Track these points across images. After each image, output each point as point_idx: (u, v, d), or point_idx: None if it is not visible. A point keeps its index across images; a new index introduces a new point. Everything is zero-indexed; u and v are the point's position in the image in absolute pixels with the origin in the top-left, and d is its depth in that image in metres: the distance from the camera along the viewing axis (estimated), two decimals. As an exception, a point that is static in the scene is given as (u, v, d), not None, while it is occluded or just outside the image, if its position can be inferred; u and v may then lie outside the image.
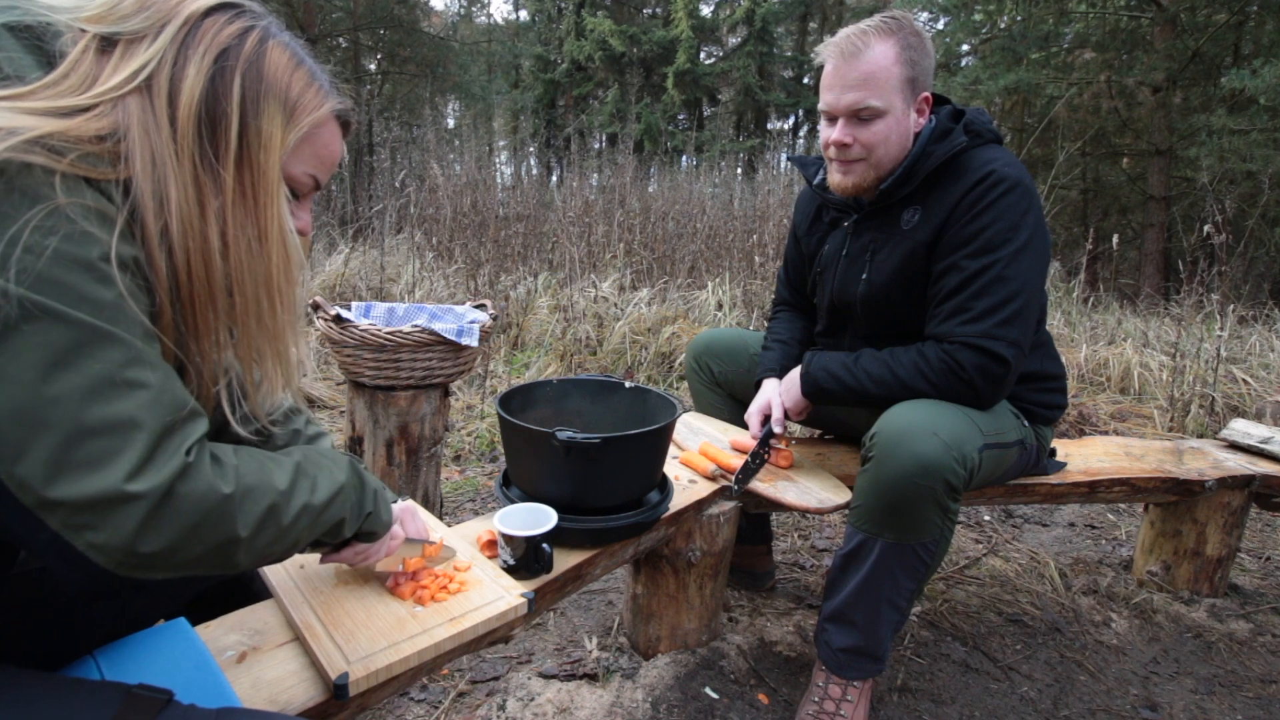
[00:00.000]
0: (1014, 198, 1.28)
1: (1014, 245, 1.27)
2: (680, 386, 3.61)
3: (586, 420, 1.45)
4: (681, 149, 12.42)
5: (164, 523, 0.56)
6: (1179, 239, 7.82)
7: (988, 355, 1.27)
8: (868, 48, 1.26)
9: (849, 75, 1.27)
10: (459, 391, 3.37)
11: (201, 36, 0.62)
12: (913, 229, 1.37)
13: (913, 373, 1.31)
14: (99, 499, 0.53)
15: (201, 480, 0.58)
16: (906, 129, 1.33)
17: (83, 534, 0.53)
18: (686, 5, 13.74)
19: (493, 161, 7.74)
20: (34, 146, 0.53)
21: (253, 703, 0.82)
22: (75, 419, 0.52)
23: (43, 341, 0.51)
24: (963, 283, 1.29)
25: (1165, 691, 1.58)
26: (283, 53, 0.67)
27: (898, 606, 1.30)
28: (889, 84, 1.27)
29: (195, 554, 0.58)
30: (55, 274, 0.51)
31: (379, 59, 13.92)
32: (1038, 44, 7.97)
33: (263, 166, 0.65)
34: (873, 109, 1.28)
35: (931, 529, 1.24)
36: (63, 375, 0.52)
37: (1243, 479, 1.83)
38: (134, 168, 0.58)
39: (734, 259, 5.11)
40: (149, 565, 0.56)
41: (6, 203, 0.51)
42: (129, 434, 0.54)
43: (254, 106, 0.64)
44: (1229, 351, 3.71)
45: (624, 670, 1.49)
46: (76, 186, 0.54)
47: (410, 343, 1.79)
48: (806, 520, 2.32)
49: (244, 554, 0.63)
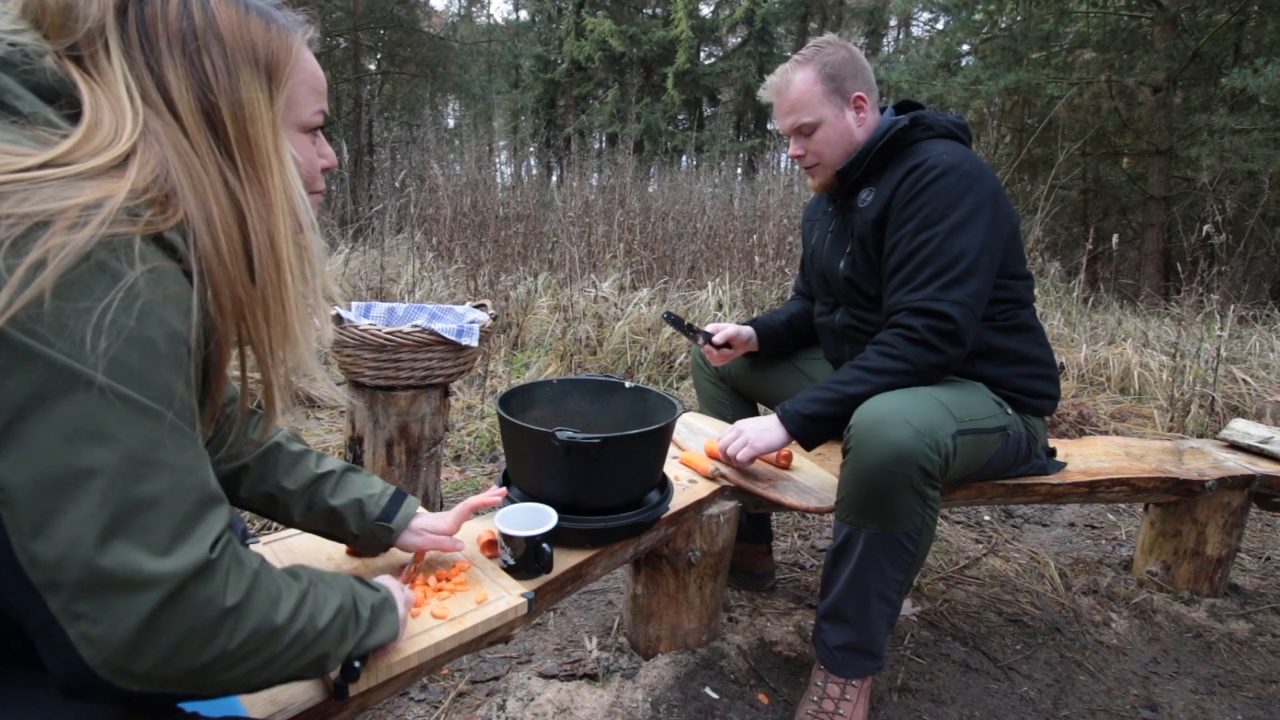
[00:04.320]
0: (949, 181, 1.40)
1: (950, 220, 1.39)
2: (680, 386, 3.61)
3: (586, 420, 1.45)
4: (681, 149, 12.42)
5: (164, 625, 0.53)
6: (1179, 239, 7.82)
7: (934, 315, 1.36)
8: (790, 81, 1.51)
9: (782, 105, 1.53)
10: (459, 391, 3.37)
11: (153, 29, 0.59)
12: (866, 207, 1.52)
13: (877, 359, 1.39)
14: (115, 576, 0.51)
15: (213, 583, 0.56)
16: (845, 127, 1.52)
17: (79, 623, 0.50)
18: (686, 5, 13.73)
19: (493, 161, 7.75)
20: (121, 215, 0.52)
21: (252, 704, 0.82)
22: (105, 495, 0.50)
23: (85, 414, 0.50)
24: (905, 257, 1.42)
25: (1165, 691, 1.58)
26: (229, 9, 0.62)
27: (888, 599, 1.32)
28: (813, 101, 1.49)
29: (177, 671, 0.55)
30: (124, 354, 0.51)
31: (379, 59, 13.92)
32: (1038, 44, 7.97)
33: (254, 138, 0.62)
34: (807, 124, 1.51)
35: (912, 517, 1.27)
36: (97, 451, 0.50)
37: (1243, 479, 1.83)
38: (187, 206, 0.57)
39: (734, 259, 5.10)
40: (129, 673, 0.52)
41: (95, 281, 0.50)
42: (156, 515, 0.53)
43: (231, 79, 0.61)
44: (1229, 351, 3.70)
45: (624, 670, 1.49)
46: (150, 251, 0.54)
47: (410, 343, 1.79)
48: (806, 520, 2.32)
49: (220, 676, 0.58)
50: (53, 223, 0.49)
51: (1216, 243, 3.38)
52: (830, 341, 1.72)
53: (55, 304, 0.48)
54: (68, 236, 0.49)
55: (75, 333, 0.49)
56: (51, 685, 0.64)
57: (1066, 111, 8.39)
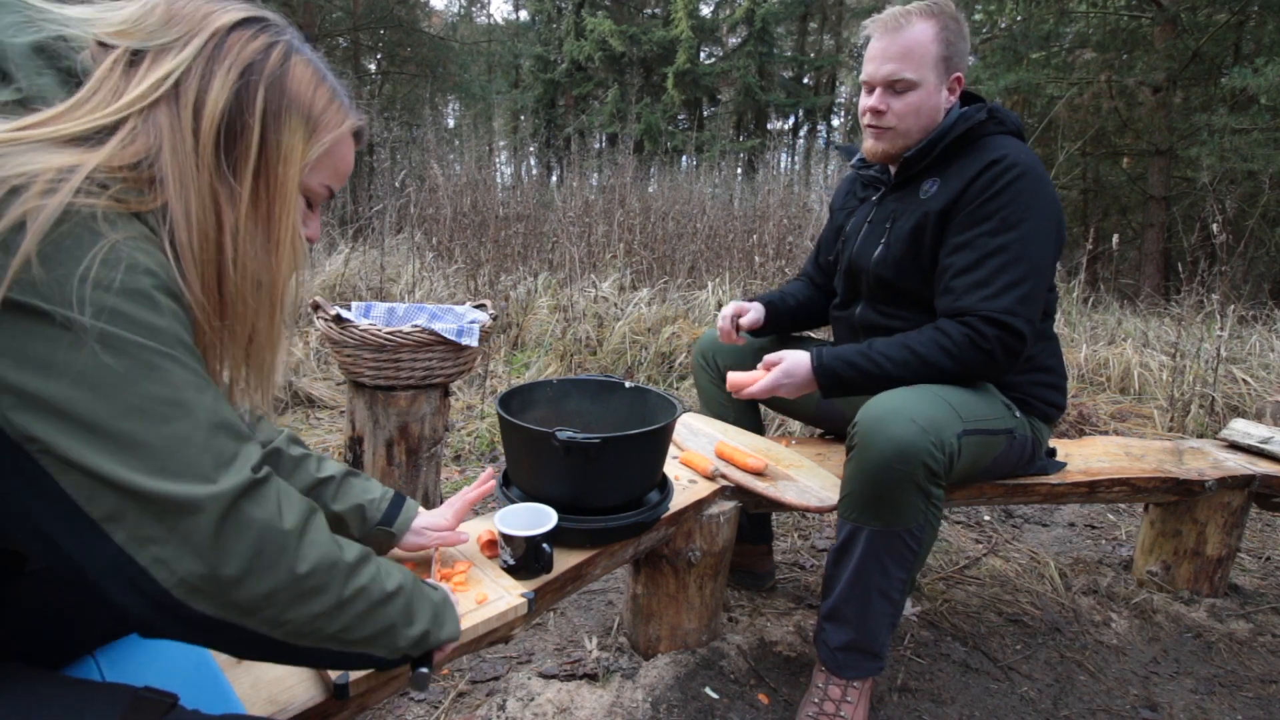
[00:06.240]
0: (1028, 183, 1.34)
1: (1029, 225, 1.33)
2: (680, 386, 3.61)
3: (586, 420, 1.45)
4: (681, 149, 12.42)
5: (229, 541, 0.55)
6: (1179, 239, 7.82)
7: (1008, 330, 1.32)
8: (909, 24, 1.36)
9: (889, 49, 1.38)
10: (459, 391, 3.37)
11: (228, 50, 0.63)
12: (929, 198, 1.43)
13: (933, 348, 1.34)
14: (170, 500, 0.53)
15: (266, 504, 0.58)
16: (936, 104, 1.41)
17: (149, 547, 0.53)
18: (686, 5, 13.73)
19: (493, 161, 7.73)
20: (89, 185, 0.54)
21: (252, 703, 0.82)
22: (138, 438, 0.53)
23: (106, 365, 0.52)
24: (982, 258, 1.34)
25: (1165, 691, 1.58)
26: (306, 68, 0.68)
27: (889, 598, 1.31)
28: (925, 59, 1.37)
29: (249, 594, 0.56)
30: (120, 306, 0.53)
31: (379, 59, 13.93)
32: (1038, 44, 7.98)
33: (281, 178, 0.66)
34: (907, 81, 1.38)
35: (915, 514, 1.26)
36: (126, 397, 0.53)
37: (1243, 479, 1.83)
38: (168, 192, 0.59)
39: (734, 259, 5.10)
40: (203, 592, 0.55)
41: (76, 244, 0.52)
42: (195, 447, 0.55)
43: (275, 120, 0.65)
44: (1229, 351, 3.70)
45: (624, 670, 1.49)
46: (125, 221, 0.56)
47: (410, 343, 1.79)
48: (806, 520, 2.32)
49: (291, 610, 0.59)
50: (28, 186, 0.51)
51: (1216, 243, 3.38)
52: (845, 336, 1.68)
53: (41, 266, 0.50)
54: (41, 201, 0.51)
55: (65, 291, 0.51)
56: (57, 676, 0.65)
57: (1066, 111, 8.40)
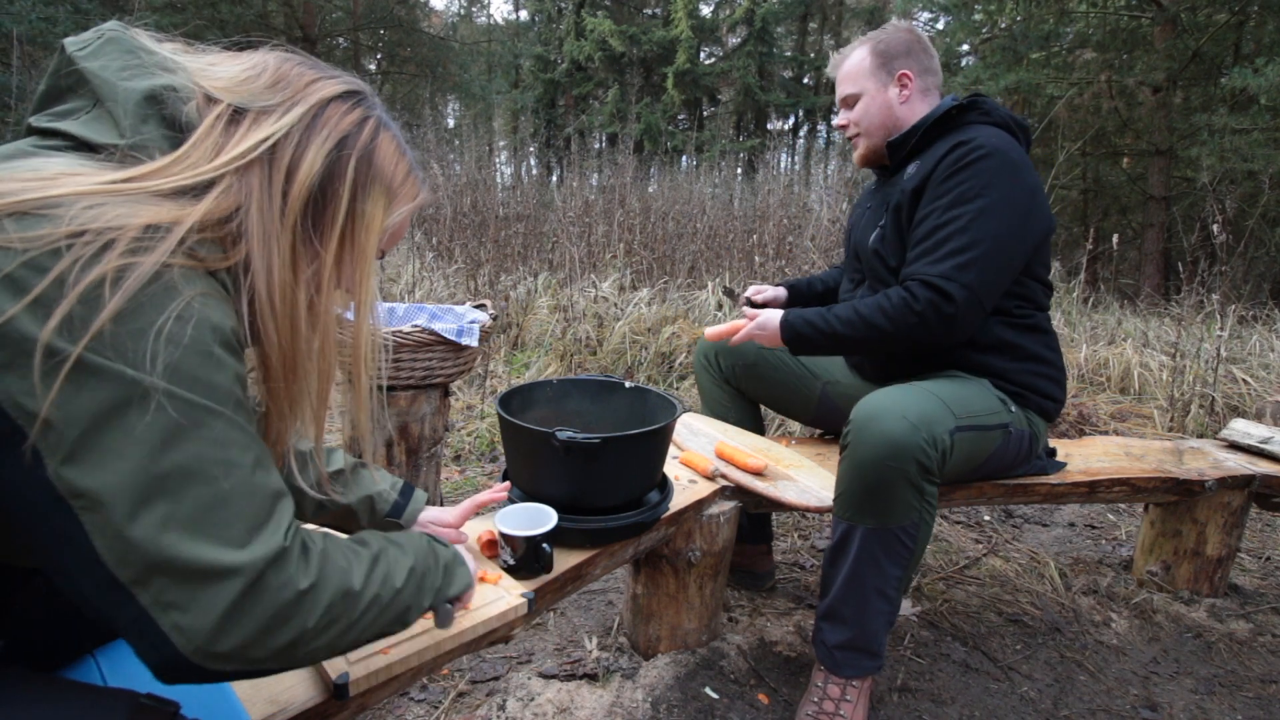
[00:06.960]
0: (991, 163, 1.41)
1: (984, 200, 1.39)
2: (680, 386, 3.61)
3: (586, 420, 1.45)
4: (681, 149, 12.42)
5: (247, 610, 0.56)
6: (1179, 239, 7.82)
7: (939, 292, 1.38)
8: (847, 57, 1.64)
9: (838, 78, 1.67)
10: (459, 391, 3.37)
11: (326, 121, 0.68)
12: (908, 180, 1.54)
13: (873, 309, 1.43)
14: (199, 567, 0.53)
15: (288, 569, 0.59)
16: (885, 101, 1.60)
17: (170, 613, 0.53)
18: (686, 5, 13.74)
19: (493, 161, 7.73)
20: (179, 249, 0.56)
21: (253, 703, 0.82)
22: (179, 496, 0.54)
23: (158, 422, 0.53)
24: (932, 230, 1.43)
25: (1165, 691, 1.58)
26: (391, 143, 0.73)
27: (886, 596, 1.32)
28: (860, 73, 1.60)
29: (264, 651, 0.58)
30: (184, 362, 0.54)
31: (379, 59, 13.94)
32: (1038, 44, 7.97)
33: (362, 244, 0.71)
34: (852, 95, 1.62)
35: (909, 511, 1.27)
36: (173, 454, 0.54)
37: (1243, 479, 1.83)
38: (251, 246, 0.62)
39: (734, 259, 5.10)
40: (218, 656, 0.56)
41: (152, 302, 0.54)
42: (233, 509, 0.56)
43: (363, 190, 0.70)
44: (1229, 351, 3.70)
45: (624, 670, 1.49)
46: (199, 278, 0.58)
47: (410, 343, 1.79)
48: (806, 520, 2.32)
49: (305, 649, 0.62)
50: (116, 242, 0.53)
51: (1217, 243, 3.38)
52: None
53: (114, 322, 0.52)
54: (131, 259, 0.53)
55: (136, 347, 0.52)
56: (60, 680, 0.65)
57: (1066, 111, 8.40)
